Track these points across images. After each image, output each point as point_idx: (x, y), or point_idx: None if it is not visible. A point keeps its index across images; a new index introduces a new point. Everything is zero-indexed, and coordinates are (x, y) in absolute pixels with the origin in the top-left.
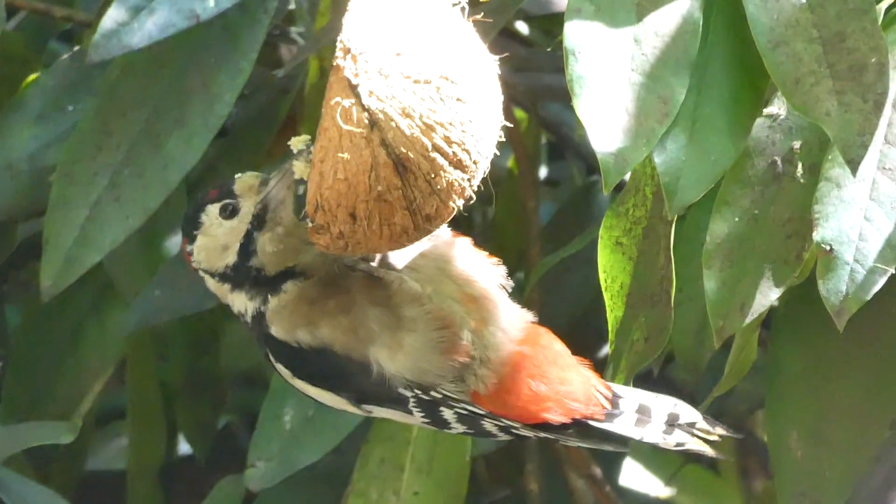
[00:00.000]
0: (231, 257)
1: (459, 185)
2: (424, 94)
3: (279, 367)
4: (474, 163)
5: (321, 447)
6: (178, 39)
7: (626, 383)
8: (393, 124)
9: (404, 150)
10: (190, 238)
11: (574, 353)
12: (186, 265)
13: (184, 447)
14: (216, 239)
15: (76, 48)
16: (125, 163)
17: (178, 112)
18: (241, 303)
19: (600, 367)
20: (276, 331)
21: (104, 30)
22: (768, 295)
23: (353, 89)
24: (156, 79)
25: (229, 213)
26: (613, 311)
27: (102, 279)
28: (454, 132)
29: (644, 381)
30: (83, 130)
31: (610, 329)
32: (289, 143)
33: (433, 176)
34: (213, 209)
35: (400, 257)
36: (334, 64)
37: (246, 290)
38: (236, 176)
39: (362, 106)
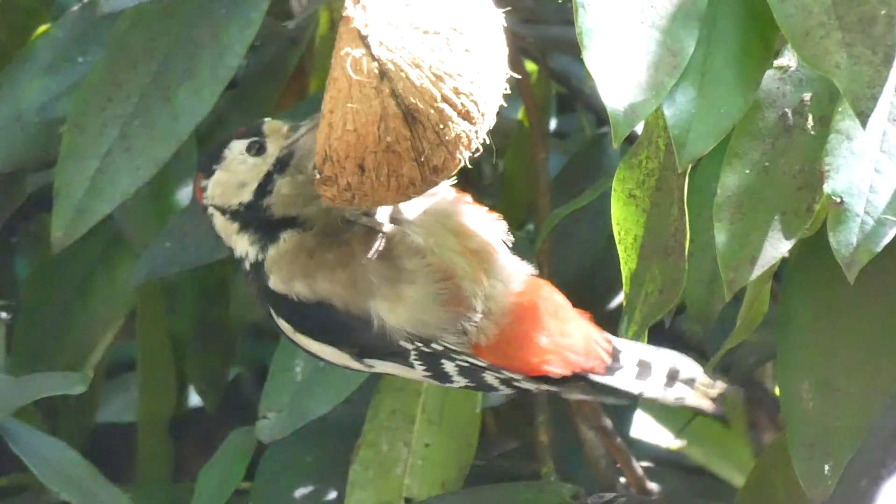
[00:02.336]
0: (247, 195)
1: (467, 136)
2: (434, 45)
3: (280, 321)
4: (482, 114)
5: (332, 398)
6: None
7: (639, 335)
8: (403, 75)
9: (414, 101)
10: (207, 173)
11: (584, 304)
12: (196, 202)
13: (194, 399)
14: (236, 175)
15: (85, 0)
16: (135, 114)
17: (188, 63)
18: (242, 246)
19: (610, 319)
20: (273, 282)
21: None
22: (779, 247)
23: (363, 39)
24: (166, 30)
25: (256, 150)
26: (627, 264)
27: (112, 230)
28: (462, 83)
29: (655, 333)
30: (93, 82)
31: (624, 281)
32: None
33: (442, 127)
34: (238, 145)
35: (402, 211)
36: (344, 14)
37: (250, 232)
38: (265, 119)
39: (372, 56)
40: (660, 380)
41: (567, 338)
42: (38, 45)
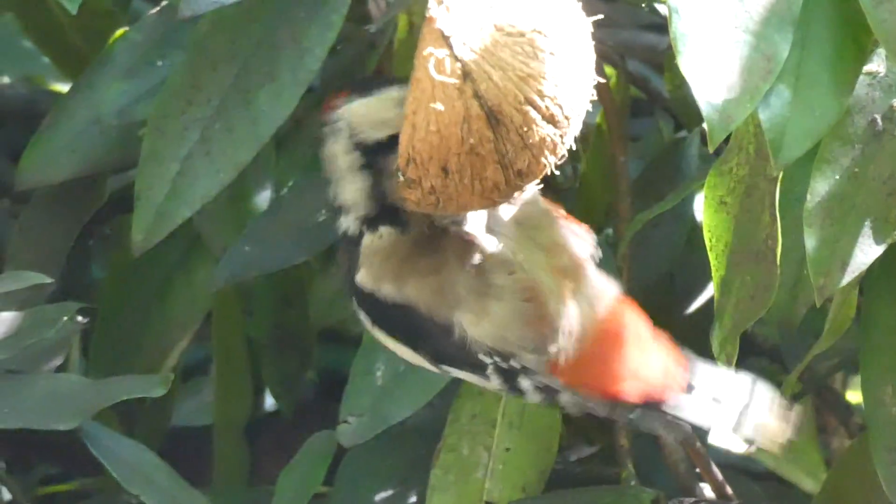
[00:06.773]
0: (381, 134)
1: (552, 140)
2: (517, 47)
3: (361, 313)
4: (566, 118)
5: (413, 402)
6: None
7: (729, 341)
8: (486, 76)
9: (497, 103)
10: (363, 93)
11: (663, 309)
12: (324, 114)
13: (268, 402)
14: (385, 111)
15: (163, 3)
16: (215, 117)
17: (268, 66)
18: (351, 191)
19: (690, 323)
20: (361, 277)
21: None
22: (869, 252)
23: (446, 40)
24: (246, 33)
25: None
26: (717, 270)
27: (191, 234)
28: (547, 86)
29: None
30: (173, 85)
31: (714, 287)
32: None
33: (525, 129)
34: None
35: (492, 221)
36: (427, 15)
37: (368, 187)
38: None
39: (455, 57)
40: (731, 419)
41: (646, 367)
42: (117, 49)
